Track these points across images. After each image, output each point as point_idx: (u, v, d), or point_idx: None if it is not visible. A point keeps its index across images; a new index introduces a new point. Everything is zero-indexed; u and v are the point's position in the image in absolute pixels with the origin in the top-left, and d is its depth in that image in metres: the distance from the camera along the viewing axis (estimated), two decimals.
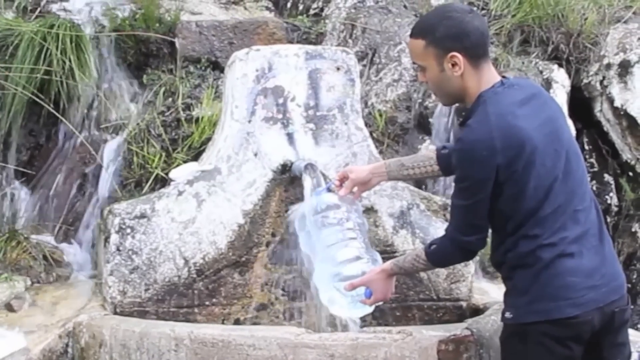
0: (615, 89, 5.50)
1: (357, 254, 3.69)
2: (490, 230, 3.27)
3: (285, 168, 4.13)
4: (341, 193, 3.76)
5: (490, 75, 3.21)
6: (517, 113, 3.11)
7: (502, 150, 3.06)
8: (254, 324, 4.07)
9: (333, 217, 3.73)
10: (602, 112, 5.58)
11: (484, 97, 3.16)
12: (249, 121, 4.15)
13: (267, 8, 6.01)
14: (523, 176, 3.09)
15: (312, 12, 5.90)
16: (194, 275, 4.02)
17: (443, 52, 3.18)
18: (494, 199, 3.14)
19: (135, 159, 4.82)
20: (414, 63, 3.39)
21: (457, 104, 3.53)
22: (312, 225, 3.77)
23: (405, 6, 5.76)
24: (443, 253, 3.36)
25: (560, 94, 5.44)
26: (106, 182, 4.81)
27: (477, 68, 3.19)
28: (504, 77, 3.25)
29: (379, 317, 4.00)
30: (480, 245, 3.28)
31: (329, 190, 3.81)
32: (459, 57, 3.16)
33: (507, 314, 3.19)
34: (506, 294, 3.25)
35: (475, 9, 3.42)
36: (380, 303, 3.65)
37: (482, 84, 3.18)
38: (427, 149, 4.94)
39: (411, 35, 3.30)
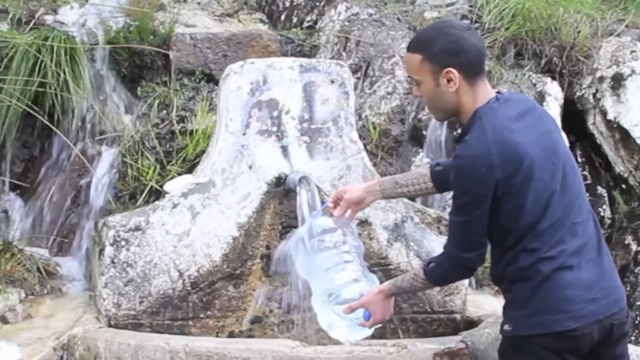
0: (608, 102, 5.52)
1: (355, 277, 3.68)
2: (489, 245, 3.28)
3: (279, 181, 4.13)
4: (336, 214, 3.74)
5: (485, 91, 3.22)
6: (514, 128, 3.13)
7: (500, 165, 3.07)
8: (249, 336, 4.06)
9: (329, 241, 3.72)
10: (595, 124, 5.59)
11: (480, 112, 3.17)
12: (244, 134, 4.15)
13: (261, 20, 6.03)
14: (521, 191, 3.10)
15: (306, 24, 5.91)
16: (189, 288, 4.02)
17: (439, 67, 3.19)
18: (492, 214, 3.14)
19: (129, 171, 4.82)
20: (409, 77, 3.39)
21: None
22: (308, 249, 3.76)
23: (398, 19, 5.78)
24: (442, 271, 3.35)
25: (554, 107, 5.46)
26: (100, 195, 4.80)
27: (472, 84, 3.20)
28: (498, 92, 3.26)
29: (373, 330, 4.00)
30: (479, 261, 3.27)
31: (324, 212, 3.81)
32: (455, 73, 3.18)
33: (506, 327, 3.20)
34: (505, 307, 3.25)
35: (472, 25, 3.43)
36: (379, 325, 3.65)
37: (478, 100, 3.20)
38: (421, 166, 4.95)
39: (408, 49, 3.31)
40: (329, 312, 3.67)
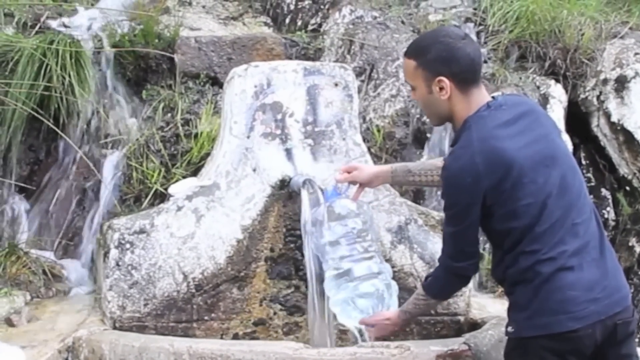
0: (612, 104, 5.52)
1: (374, 270, 3.76)
2: (492, 248, 3.31)
3: (283, 183, 4.14)
4: (337, 177, 3.86)
5: (479, 99, 3.26)
6: (501, 135, 3.16)
7: (487, 174, 3.12)
8: (253, 338, 4.08)
9: (351, 227, 3.79)
10: (599, 127, 5.60)
11: (469, 122, 3.22)
12: (248, 137, 4.16)
13: (266, 24, 6.04)
14: (512, 196, 3.13)
15: (310, 27, 5.92)
16: (193, 290, 4.03)
17: (431, 75, 3.25)
18: (486, 219, 3.19)
19: (134, 174, 4.84)
20: (406, 81, 3.45)
21: None
22: (328, 231, 3.79)
23: (403, 22, 5.79)
24: (438, 282, 3.44)
25: (557, 109, 5.47)
26: (105, 198, 4.82)
27: (465, 93, 3.24)
28: (493, 97, 3.29)
29: None
30: (473, 270, 3.36)
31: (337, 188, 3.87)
32: (446, 82, 3.23)
33: (509, 328, 3.23)
34: (509, 309, 3.28)
35: (469, 34, 3.47)
36: None
37: (471, 109, 3.24)
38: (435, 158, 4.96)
39: (405, 54, 3.38)
40: (345, 300, 3.72)
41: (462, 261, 3.29)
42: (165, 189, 4.60)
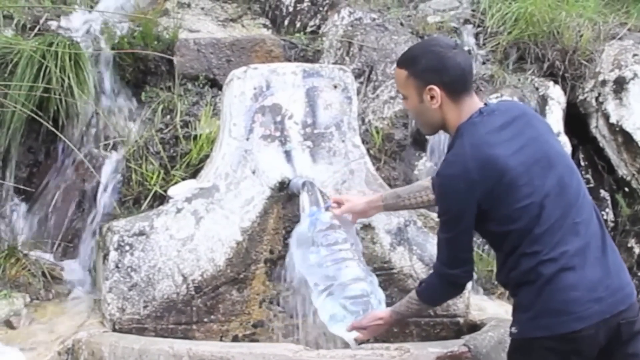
0: (610, 105, 5.53)
1: (359, 275, 3.75)
2: (494, 252, 3.33)
3: (283, 185, 4.14)
4: (336, 212, 3.85)
5: (472, 106, 3.29)
6: (494, 141, 3.18)
7: (480, 181, 3.14)
8: (252, 340, 4.08)
9: (334, 237, 3.78)
10: (597, 128, 5.60)
11: (462, 129, 3.25)
12: (247, 139, 4.16)
13: (265, 26, 6.04)
14: (508, 199, 3.15)
15: (309, 29, 5.92)
16: (193, 292, 4.03)
17: (422, 84, 3.28)
18: (484, 223, 3.22)
19: (133, 176, 4.83)
20: (398, 91, 3.47)
21: None
22: (311, 242, 3.79)
23: (401, 24, 5.79)
24: (432, 288, 3.44)
25: (556, 111, 5.47)
26: (105, 200, 4.82)
27: (456, 101, 3.27)
28: (486, 104, 3.31)
29: None
30: (466, 278, 3.37)
31: (327, 209, 3.85)
32: (437, 91, 3.26)
33: (513, 329, 3.24)
34: (513, 310, 3.29)
35: (460, 43, 3.48)
36: None
37: (462, 116, 3.27)
38: (424, 173, 4.97)
39: (396, 64, 3.42)
40: (334, 307, 3.71)
41: (456, 268, 3.31)
42: (165, 191, 4.60)
